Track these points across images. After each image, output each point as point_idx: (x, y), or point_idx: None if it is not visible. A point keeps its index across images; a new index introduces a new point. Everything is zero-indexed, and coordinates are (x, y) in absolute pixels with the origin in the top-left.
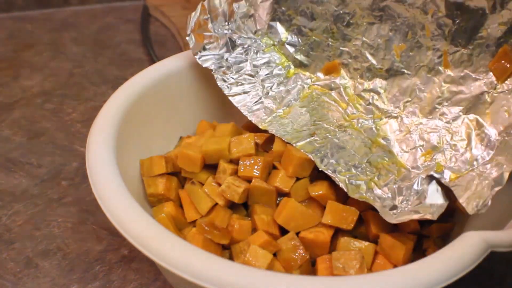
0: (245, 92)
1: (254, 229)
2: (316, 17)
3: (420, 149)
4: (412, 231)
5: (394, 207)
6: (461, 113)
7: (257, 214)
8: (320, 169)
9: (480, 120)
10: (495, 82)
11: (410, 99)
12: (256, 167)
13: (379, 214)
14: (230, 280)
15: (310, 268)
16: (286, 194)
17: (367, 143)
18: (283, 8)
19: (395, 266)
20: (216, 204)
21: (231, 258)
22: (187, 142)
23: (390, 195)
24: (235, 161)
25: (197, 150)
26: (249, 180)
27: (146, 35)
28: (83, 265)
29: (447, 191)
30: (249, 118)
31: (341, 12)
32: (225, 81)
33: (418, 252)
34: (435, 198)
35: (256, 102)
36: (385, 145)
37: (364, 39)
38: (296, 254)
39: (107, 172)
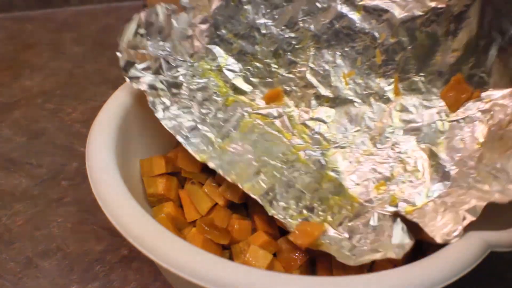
0: (179, 117)
1: (254, 229)
2: (259, 41)
3: (373, 181)
4: None
5: (353, 247)
6: (413, 143)
7: (257, 214)
8: (270, 214)
9: (434, 149)
10: (448, 110)
11: (359, 128)
12: None
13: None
14: (230, 280)
15: (310, 268)
16: None
17: (316, 177)
18: (223, 31)
19: (395, 266)
20: (216, 204)
21: (231, 258)
22: None
23: (346, 235)
24: None
25: None
26: None
27: None
28: (83, 265)
29: (412, 228)
30: (185, 147)
31: (286, 36)
32: (158, 104)
33: (418, 252)
34: (400, 237)
35: (192, 128)
36: (335, 178)
37: (311, 65)
38: (296, 254)
39: (107, 172)
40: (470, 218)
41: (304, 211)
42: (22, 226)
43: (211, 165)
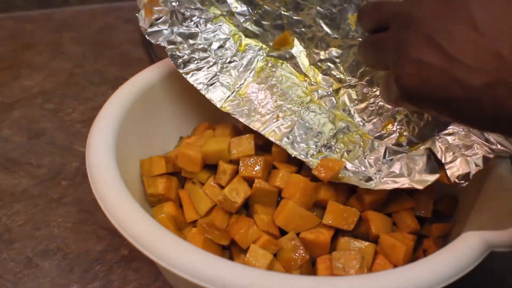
0: (199, 69)
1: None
2: None
3: (381, 119)
4: (412, 231)
5: (369, 179)
6: None
7: (257, 214)
8: (293, 156)
9: None
10: None
11: (366, 68)
12: (257, 167)
13: (359, 188)
14: (230, 280)
15: (310, 268)
16: None
17: (330, 116)
18: None
19: (395, 266)
20: (216, 204)
21: (231, 258)
22: (187, 142)
23: (363, 168)
24: (235, 161)
25: (197, 150)
26: (249, 181)
27: None
28: (83, 265)
29: (437, 164)
30: (206, 96)
31: None
32: (178, 57)
33: (418, 252)
34: (429, 170)
35: (212, 78)
36: (346, 116)
37: (318, 8)
38: (296, 254)
39: (107, 172)
40: (478, 168)
41: (323, 150)
42: (22, 226)
43: (233, 113)
